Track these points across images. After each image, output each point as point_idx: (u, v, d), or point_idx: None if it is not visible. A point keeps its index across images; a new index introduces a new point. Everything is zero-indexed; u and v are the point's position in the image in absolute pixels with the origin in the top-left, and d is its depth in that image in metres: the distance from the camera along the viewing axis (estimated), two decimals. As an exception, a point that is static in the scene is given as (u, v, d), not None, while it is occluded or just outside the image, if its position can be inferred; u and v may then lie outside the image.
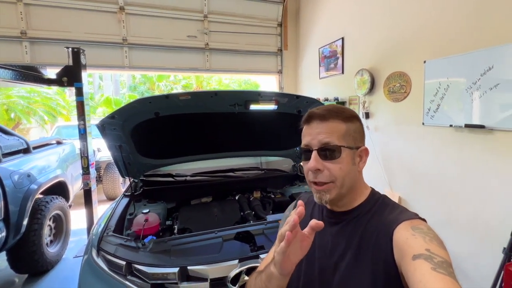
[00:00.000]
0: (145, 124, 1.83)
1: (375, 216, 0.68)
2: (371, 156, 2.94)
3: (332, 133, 0.67)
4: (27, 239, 2.42)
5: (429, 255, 0.52)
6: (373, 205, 0.70)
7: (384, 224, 0.64)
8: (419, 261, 0.51)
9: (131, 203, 1.92)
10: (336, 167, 0.66)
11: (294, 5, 4.79)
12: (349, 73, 3.41)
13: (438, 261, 0.50)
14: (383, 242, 0.62)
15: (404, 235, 0.58)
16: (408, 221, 0.61)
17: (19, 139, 2.69)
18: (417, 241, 0.55)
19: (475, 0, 1.98)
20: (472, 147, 2.04)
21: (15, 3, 3.46)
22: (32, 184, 2.51)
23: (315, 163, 0.66)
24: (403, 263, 0.55)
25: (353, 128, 0.70)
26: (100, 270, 1.31)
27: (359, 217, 0.69)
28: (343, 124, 0.69)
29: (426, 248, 0.53)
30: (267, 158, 2.73)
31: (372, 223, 0.66)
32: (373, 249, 0.63)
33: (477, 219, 2.03)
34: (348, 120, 0.69)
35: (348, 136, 0.68)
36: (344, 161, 0.67)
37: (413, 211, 0.66)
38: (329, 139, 0.66)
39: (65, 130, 6.11)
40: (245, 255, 1.34)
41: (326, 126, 0.68)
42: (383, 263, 0.60)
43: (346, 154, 0.67)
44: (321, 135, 0.67)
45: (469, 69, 1.97)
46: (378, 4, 2.92)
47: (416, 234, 0.57)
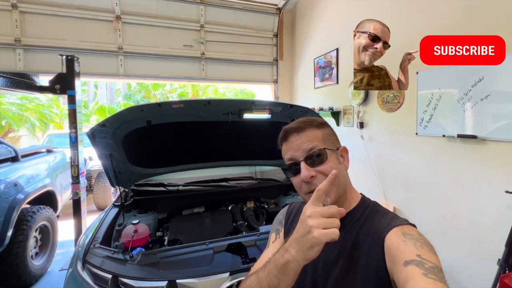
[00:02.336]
0: (136, 133, 1.79)
1: (366, 222, 0.68)
2: (366, 166, 2.96)
3: (313, 140, 0.70)
4: (11, 251, 2.32)
5: (420, 261, 0.52)
6: (364, 211, 0.70)
7: (375, 231, 0.64)
8: (410, 267, 0.51)
9: (121, 214, 1.87)
10: (327, 167, 0.67)
11: (290, 16, 4.88)
12: (343, 83, 3.44)
13: (429, 267, 0.51)
14: (375, 249, 0.61)
15: (395, 241, 0.58)
16: (399, 227, 0.62)
17: (7, 147, 2.63)
18: (408, 247, 0.56)
19: (464, 12, 2.03)
20: (465, 157, 2.05)
21: (10, 11, 3.46)
22: (19, 194, 2.43)
23: (308, 172, 0.67)
24: (394, 269, 0.55)
25: (328, 132, 0.74)
26: (85, 284, 1.25)
27: (351, 224, 0.69)
28: (318, 130, 0.72)
29: (417, 254, 0.53)
30: (261, 167, 2.71)
31: (364, 230, 0.67)
32: (366, 256, 0.63)
33: (471, 229, 2.02)
34: (321, 126, 0.73)
35: (327, 139, 0.72)
36: (331, 161, 0.69)
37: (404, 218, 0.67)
38: (312, 145, 0.69)
39: (57, 138, 6.00)
40: (236, 268, 1.30)
41: (304, 136, 0.70)
42: (375, 269, 0.60)
43: (330, 155, 0.69)
44: (303, 144, 0.69)
45: (460, 80, 2.01)
46: (372, 15, 2.97)
47: (407, 240, 0.57)
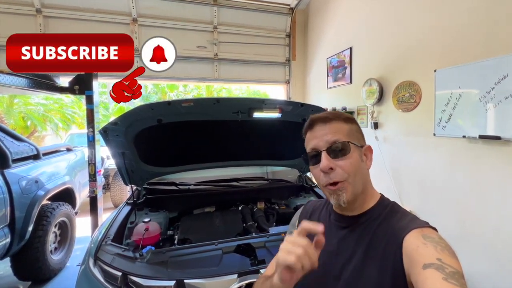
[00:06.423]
0: (148, 131, 1.82)
1: (384, 222, 0.66)
2: (380, 167, 2.87)
3: (338, 132, 0.69)
4: (31, 245, 2.42)
5: (441, 265, 0.50)
6: (383, 211, 0.69)
7: (393, 231, 0.62)
8: (430, 270, 0.50)
9: (133, 212, 1.90)
10: (346, 163, 0.66)
11: (303, 16, 4.83)
12: (357, 83, 3.36)
13: (449, 272, 0.49)
14: (392, 249, 0.60)
15: (415, 243, 0.56)
16: (419, 229, 0.60)
17: (30, 145, 2.75)
18: (428, 250, 0.54)
19: (486, 7, 1.92)
20: (487, 160, 1.94)
21: (35, 15, 3.64)
22: (40, 190, 2.54)
23: (327, 162, 0.66)
24: (412, 271, 0.53)
25: (354, 128, 0.72)
26: (96, 280, 1.28)
27: (368, 222, 0.68)
28: (345, 124, 0.71)
29: (437, 257, 0.51)
30: (272, 168, 2.68)
31: (381, 229, 0.65)
32: (382, 256, 0.61)
33: (495, 237, 1.91)
34: (348, 121, 0.72)
35: (352, 135, 0.70)
36: (353, 157, 0.68)
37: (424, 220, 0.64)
38: (336, 137, 0.68)
39: (78, 137, 6.26)
40: (245, 269, 1.29)
41: (330, 127, 0.70)
42: (391, 270, 0.59)
43: (354, 150, 0.68)
44: (327, 135, 0.68)
45: (482, 78, 1.90)
46: (386, 13, 2.89)
47: (427, 243, 0.55)
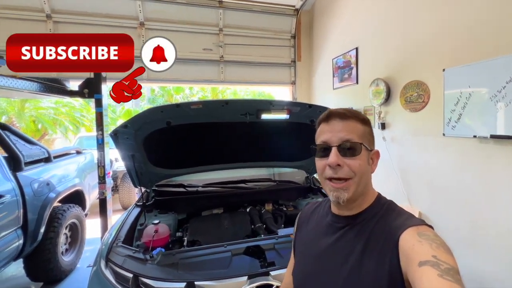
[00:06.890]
0: (157, 134, 1.84)
1: (380, 221, 0.67)
2: (388, 168, 2.84)
3: (352, 131, 0.69)
4: (43, 247, 2.47)
5: (436, 262, 0.51)
6: (379, 210, 0.70)
7: (390, 230, 0.63)
8: (425, 267, 0.51)
9: (142, 213, 1.92)
10: (355, 163, 0.67)
11: (308, 16, 4.82)
12: (363, 83, 3.33)
13: (445, 268, 0.50)
14: (389, 248, 0.61)
15: (410, 241, 0.57)
16: (415, 227, 0.60)
17: (41, 149, 2.81)
18: (423, 248, 0.55)
19: (494, 4, 1.89)
20: (499, 159, 1.91)
21: (45, 21, 3.72)
22: (51, 193, 2.59)
23: (336, 158, 0.67)
24: (409, 269, 0.54)
25: (368, 131, 0.73)
26: (107, 282, 1.29)
27: (365, 222, 0.69)
28: (361, 125, 0.71)
29: (432, 254, 0.52)
30: (279, 169, 2.68)
31: (378, 228, 0.66)
32: (379, 253, 0.62)
33: (505, 238, 1.87)
34: (364, 122, 0.73)
35: (365, 137, 0.71)
36: (362, 159, 0.69)
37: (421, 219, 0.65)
38: (350, 136, 0.68)
39: (87, 140, 6.36)
40: (254, 272, 1.28)
41: (346, 125, 0.70)
42: (388, 268, 0.59)
43: (364, 152, 0.69)
44: (342, 132, 0.69)
45: (492, 77, 1.87)
46: (393, 12, 2.87)
47: (423, 240, 0.56)
